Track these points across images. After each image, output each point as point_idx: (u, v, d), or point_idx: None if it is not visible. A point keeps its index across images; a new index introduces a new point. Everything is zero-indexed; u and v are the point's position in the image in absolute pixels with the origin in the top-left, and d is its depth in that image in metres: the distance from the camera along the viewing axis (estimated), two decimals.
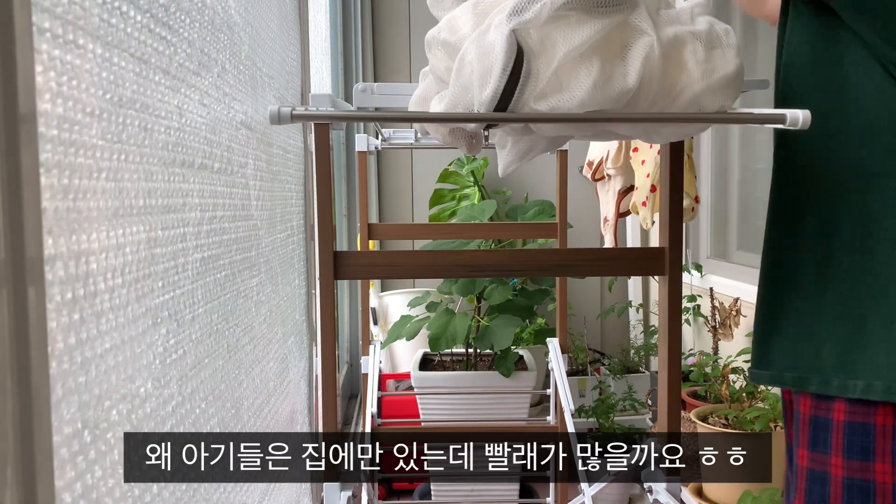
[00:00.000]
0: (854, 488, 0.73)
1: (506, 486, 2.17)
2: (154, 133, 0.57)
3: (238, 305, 0.84)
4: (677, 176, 0.89)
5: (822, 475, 0.75)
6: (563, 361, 1.76)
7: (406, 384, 2.43)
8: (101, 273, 0.47)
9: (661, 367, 0.93)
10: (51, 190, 0.40)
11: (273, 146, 1.06)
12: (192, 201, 0.67)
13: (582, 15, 0.64)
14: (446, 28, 0.71)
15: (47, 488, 0.37)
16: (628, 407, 2.48)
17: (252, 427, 0.90)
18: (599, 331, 3.10)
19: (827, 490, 0.75)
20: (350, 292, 2.63)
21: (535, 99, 0.65)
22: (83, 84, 0.45)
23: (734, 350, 2.10)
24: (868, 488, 0.72)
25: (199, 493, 0.67)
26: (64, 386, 0.42)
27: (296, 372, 1.21)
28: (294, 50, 1.25)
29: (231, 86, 0.82)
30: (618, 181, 1.67)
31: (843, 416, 0.74)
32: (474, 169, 2.72)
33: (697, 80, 0.68)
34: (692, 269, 2.61)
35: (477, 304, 2.23)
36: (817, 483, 0.76)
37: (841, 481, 0.74)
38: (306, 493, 1.20)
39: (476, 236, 2.05)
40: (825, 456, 0.75)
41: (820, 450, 0.76)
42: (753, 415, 1.73)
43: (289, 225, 1.17)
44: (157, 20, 0.59)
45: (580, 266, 0.92)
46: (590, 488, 1.22)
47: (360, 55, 2.64)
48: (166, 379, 0.59)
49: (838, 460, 0.74)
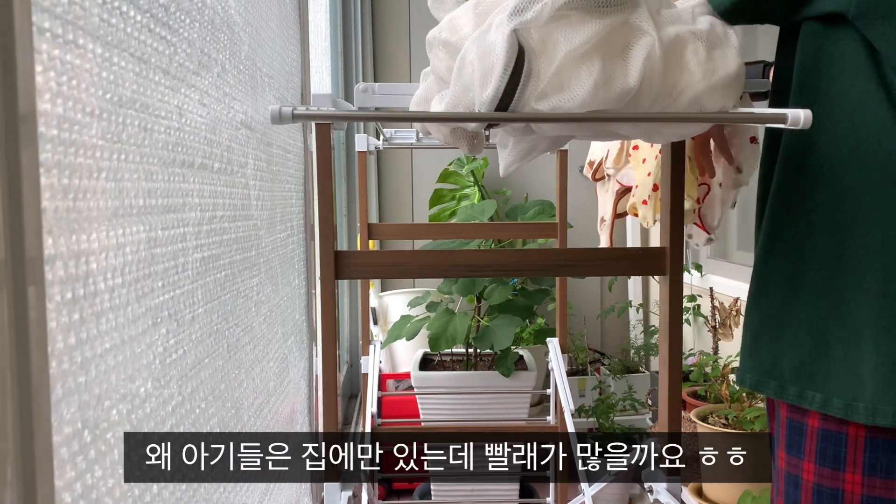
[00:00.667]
0: (824, 495, 0.73)
1: (506, 486, 2.17)
2: (154, 133, 0.57)
3: (238, 305, 0.84)
4: (678, 176, 0.89)
5: (796, 479, 0.76)
6: (563, 361, 1.76)
7: (406, 384, 2.43)
8: (101, 273, 0.47)
9: (661, 367, 0.93)
10: (51, 190, 0.40)
11: (273, 146, 1.06)
12: (192, 201, 0.67)
13: (583, 15, 0.64)
14: (447, 28, 0.71)
15: (47, 488, 0.37)
16: (628, 407, 2.48)
17: (252, 427, 0.90)
18: (599, 331, 3.10)
19: (799, 494, 0.75)
20: (350, 292, 2.63)
21: (536, 99, 0.65)
22: (83, 84, 0.45)
23: (734, 350, 2.10)
24: (837, 496, 0.73)
25: (199, 493, 0.67)
26: (64, 386, 0.41)
27: (296, 372, 1.21)
28: (294, 50, 1.25)
29: (231, 86, 0.82)
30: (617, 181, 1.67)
31: (817, 423, 0.74)
32: (474, 169, 2.72)
33: (699, 80, 0.68)
34: (692, 269, 2.61)
35: (477, 304, 2.23)
36: (791, 485, 0.77)
37: (812, 487, 0.74)
38: (306, 493, 1.20)
39: (476, 236, 2.05)
40: (799, 460, 0.76)
41: (794, 454, 0.76)
42: (753, 415, 1.73)
43: (289, 225, 1.17)
44: (157, 20, 0.58)
45: (580, 266, 0.92)
46: (590, 488, 1.22)
47: (360, 55, 2.64)
48: (166, 379, 0.59)
49: (810, 466, 0.75)
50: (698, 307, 2.57)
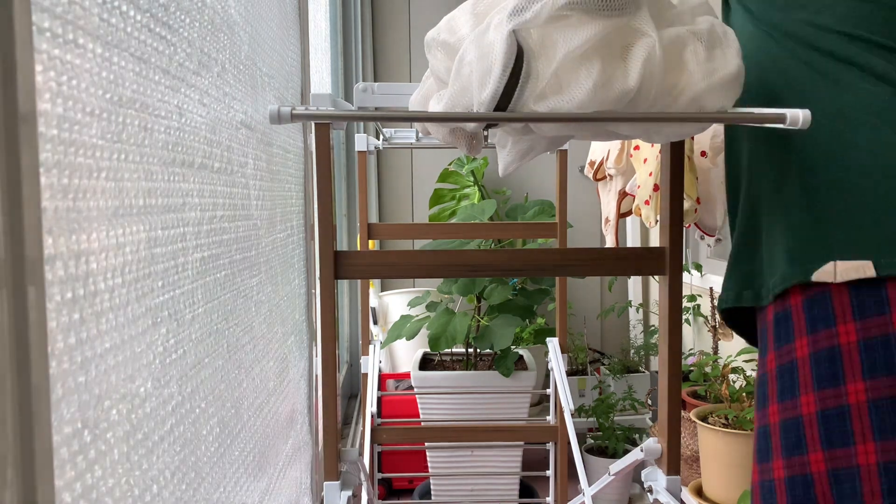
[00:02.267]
0: (821, 358, 0.79)
1: (506, 485, 2.17)
2: (154, 133, 0.57)
3: (238, 305, 0.84)
4: (678, 176, 0.89)
5: (792, 364, 0.80)
6: (562, 361, 1.76)
7: (406, 384, 2.43)
8: (101, 273, 0.47)
9: (661, 367, 0.93)
10: (51, 189, 0.40)
11: (273, 146, 1.06)
12: (192, 201, 0.67)
13: (583, 16, 0.64)
14: (445, 29, 0.71)
15: (47, 488, 0.37)
16: (628, 407, 2.48)
17: (252, 427, 0.90)
18: (599, 331, 3.10)
19: (796, 375, 0.79)
20: (350, 292, 2.63)
21: (535, 100, 0.65)
22: (83, 84, 0.45)
23: (734, 350, 2.10)
24: (834, 353, 0.77)
25: (199, 493, 0.67)
26: (64, 385, 0.42)
27: (296, 372, 1.21)
28: (294, 50, 1.25)
29: (231, 85, 0.82)
30: (619, 181, 1.67)
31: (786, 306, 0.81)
32: (474, 169, 2.72)
33: (698, 81, 0.68)
34: (692, 268, 2.61)
35: (477, 303, 2.23)
36: (788, 373, 0.81)
37: (808, 358, 0.78)
38: (306, 493, 1.20)
39: (476, 236, 2.05)
40: (790, 345, 0.80)
41: (784, 343, 0.81)
42: (753, 415, 1.73)
43: (289, 225, 1.17)
44: (157, 20, 0.59)
45: (580, 266, 0.92)
46: (590, 488, 1.22)
47: (360, 55, 2.64)
48: (166, 378, 0.59)
49: (803, 340, 0.79)
50: (698, 307, 2.57)
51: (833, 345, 0.75)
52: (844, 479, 0.73)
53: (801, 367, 0.77)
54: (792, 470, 0.77)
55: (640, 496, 2.33)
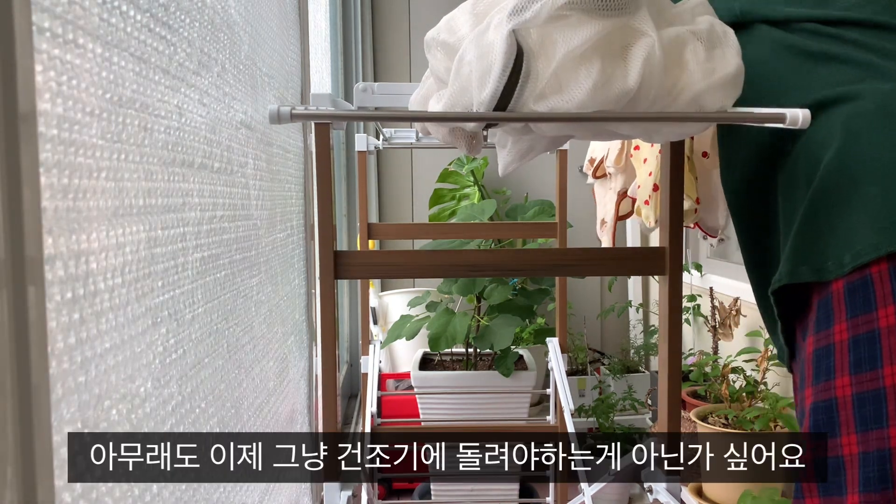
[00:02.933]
0: (860, 342, 0.77)
1: (506, 486, 2.17)
2: (154, 133, 0.57)
3: (238, 305, 0.84)
4: (678, 176, 0.89)
5: (828, 348, 0.78)
6: (562, 361, 1.76)
7: (406, 384, 2.43)
8: (101, 273, 0.47)
9: (661, 367, 0.93)
10: (51, 189, 0.40)
11: (273, 146, 1.06)
12: (191, 201, 0.67)
13: (583, 16, 0.64)
14: (445, 29, 0.71)
15: (47, 488, 0.37)
16: (628, 407, 2.48)
17: (252, 427, 0.90)
18: (599, 331, 3.10)
19: (833, 358, 0.77)
20: (350, 292, 2.63)
21: (535, 100, 0.65)
22: (83, 84, 0.45)
23: (734, 350, 2.10)
24: (873, 337, 0.75)
25: (199, 493, 0.67)
26: (64, 385, 0.42)
27: (296, 372, 1.21)
28: (294, 50, 1.25)
29: (231, 85, 0.82)
30: (618, 181, 1.66)
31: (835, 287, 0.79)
32: (474, 169, 2.72)
33: (698, 80, 0.68)
34: (692, 268, 2.61)
35: (477, 303, 2.23)
36: (824, 356, 0.79)
37: (847, 343, 0.76)
38: (306, 493, 1.20)
39: (476, 236, 2.05)
40: (829, 331, 0.78)
41: (824, 327, 0.79)
42: (753, 414, 1.73)
43: (289, 225, 1.17)
44: (157, 20, 0.59)
45: (580, 266, 0.92)
46: (590, 488, 1.22)
47: (360, 55, 2.64)
48: (166, 378, 0.59)
49: (842, 324, 0.77)
50: (698, 307, 2.57)
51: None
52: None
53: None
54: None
55: (640, 496, 2.33)
